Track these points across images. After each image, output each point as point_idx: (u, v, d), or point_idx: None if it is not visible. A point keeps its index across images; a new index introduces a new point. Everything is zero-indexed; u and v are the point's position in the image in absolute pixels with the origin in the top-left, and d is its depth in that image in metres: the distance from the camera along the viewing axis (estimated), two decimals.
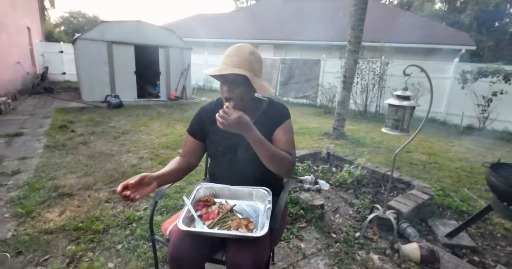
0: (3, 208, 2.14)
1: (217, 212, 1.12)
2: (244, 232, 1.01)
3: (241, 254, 0.98)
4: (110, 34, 7.54)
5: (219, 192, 1.26)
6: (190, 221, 1.08)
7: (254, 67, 1.11)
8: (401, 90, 1.69)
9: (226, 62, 1.10)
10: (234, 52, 1.10)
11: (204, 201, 1.20)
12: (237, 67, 1.07)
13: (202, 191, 1.24)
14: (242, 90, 1.11)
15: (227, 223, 1.07)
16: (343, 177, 2.84)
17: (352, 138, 5.17)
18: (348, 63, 4.71)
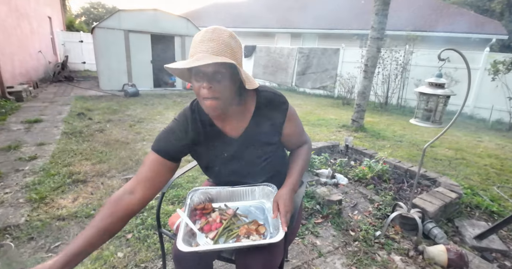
0: (18, 193, 2.16)
1: (219, 220, 0.97)
2: (257, 239, 0.88)
3: (250, 257, 0.88)
4: (127, 22, 7.54)
5: (216, 196, 1.08)
6: (190, 236, 0.91)
7: (237, 54, 0.84)
8: (434, 77, 1.51)
9: (202, 49, 0.80)
10: (209, 37, 0.81)
11: (201, 209, 1.03)
12: (218, 55, 0.80)
13: (196, 197, 1.06)
14: (227, 85, 0.84)
15: (234, 232, 0.93)
16: (362, 172, 2.68)
17: (372, 130, 4.94)
18: (371, 51, 4.45)
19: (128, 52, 7.73)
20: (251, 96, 0.99)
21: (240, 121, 0.98)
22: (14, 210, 1.94)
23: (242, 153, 1.00)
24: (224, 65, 0.81)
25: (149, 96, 7.10)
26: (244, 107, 0.98)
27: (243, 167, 1.04)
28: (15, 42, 6.90)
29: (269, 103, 0.99)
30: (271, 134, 1.01)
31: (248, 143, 1.00)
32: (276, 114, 1.00)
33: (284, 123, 1.01)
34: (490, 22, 10.73)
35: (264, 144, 1.01)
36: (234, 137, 1.00)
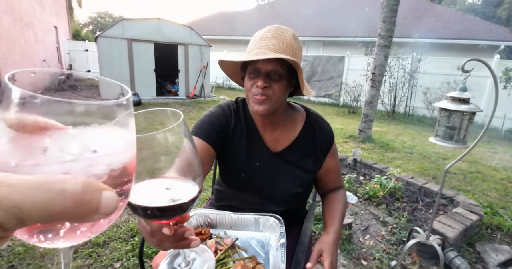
0: None
1: (215, 250, 0.85)
2: None
3: None
4: (131, 31, 7.53)
5: (217, 221, 0.97)
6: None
7: (297, 56, 0.79)
8: (457, 90, 1.35)
9: (262, 45, 0.77)
10: (273, 34, 0.78)
11: (198, 233, 0.91)
12: (280, 53, 0.75)
13: (194, 219, 0.95)
14: (282, 87, 0.79)
15: (228, 267, 0.80)
16: (373, 190, 2.50)
17: (380, 141, 4.75)
18: (378, 60, 4.30)
19: (131, 61, 7.70)
20: (301, 114, 0.95)
21: (284, 136, 0.91)
22: None
23: (275, 170, 0.89)
24: (283, 65, 0.77)
25: (151, 105, 7.02)
26: (291, 123, 0.92)
27: (268, 186, 0.91)
28: (19, 51, 6.92)
29: (318, 127, 0.94)
30: (312, 160, 0.91)
31: (286, 162, 0.91)
32: (322, 142, 0.92)
33: (327, 155, 0.94)
34: (498, 29, 10.55)
35: (301, 169, 0.91)
36: (274, 150, 0.91)
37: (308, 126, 0.93)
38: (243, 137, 0.90)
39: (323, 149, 0.93)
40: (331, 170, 0.96)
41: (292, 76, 0.82)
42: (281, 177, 0.91)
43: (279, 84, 0.79)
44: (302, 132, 0.92)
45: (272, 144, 0.92)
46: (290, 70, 0.80)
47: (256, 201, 0.94)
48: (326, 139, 0.94)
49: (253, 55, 0.75)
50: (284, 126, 0.92)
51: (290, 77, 0.82)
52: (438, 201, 1.53)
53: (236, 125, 0.90)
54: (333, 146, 0.96)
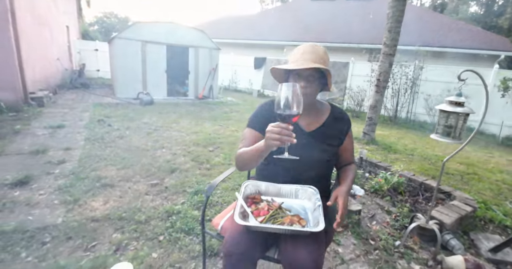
0: (52, 195, 2.28)
1: (267, 209, 1.12)
2: (300, 228, 1.01)
3: (298, 253, 0.98)
4: (144, 34, 7.83)
5: (265, 190, 1.25)
6: (243, 217, 1.07)
7: (326, 65, 1.14)
8: (454, 96, 1.62)
9: (304, 58, 1.11)
10: (309, 50, 1.13)
11: (252, 198, 1.20)
12: (315, 63, 1.10)
13: (249, 188, 1.24)
14: (315, 86, 1.15)
15: (278, 220, 1.07)
16: (379, 184, 2.76)
17: (383, 143, 5.02)
18: (383, 67, 4.58)
19: (144, 62, 8.00)
20: (326, 107, 1.30)
21: (315, 120, 1.25)
22: (50, 211, 2.06)
23: (308, 146, 1.20)
24: (316, 71, 1.12)
25: (163, 104, 7.30)
26: (320, 113, 1.27)
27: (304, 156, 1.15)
28: (37, 49, 7.20)
29: (340, 116, 1.29)
30: (335, 138, 1.25)
31: (316, 139, 1.22)
32: (343, 126, 1.27)
33: (346, 136, 1.27)
34: (499, 39, 10.86)
35: (328, 145, 1.23)
36: (306, 130, 1.24)
37: (333, 115, 1.28)
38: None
39: (342, 132, 1.27)
40: (347, 148, 1.29)
41: (322, 78, 1.17)
42: (313, 149, 1.20)
43: (314, 84, 1.14)
44: (328, 119, 1.26)
45: (305, 126, 1.25)
46: (320, 75, 1.15)
47: (295, 168, 1.22)
48: (345, 125, 1.28)
49: (298, 65, 1.08)
50: (315, 115, 1.27)
51: (320, 79, 1.16)
52: (437, 189, 1.79)
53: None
54: (349, 131, 1.29)
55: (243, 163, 1.14)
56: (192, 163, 3.31)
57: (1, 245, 1.66)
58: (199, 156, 3.54)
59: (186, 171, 3.04)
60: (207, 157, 3.54)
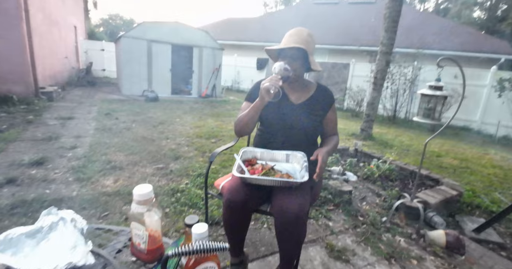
0: (67, 174, 2.47)
1: (261, 169, 1.30)
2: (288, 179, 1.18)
3: (285, 199, 1.15)
4: (150, 33, 8.08)
5: (260, 156, 1.43)
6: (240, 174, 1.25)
7: (310, 46, 1.31)
8: (434, 81, 1.79)
9: (288, 40, 1.30)
10: (294, 33, 1.32)
11: (248, 161, 1.39)
12: (297, 44, 1.27)
13: (246, 154, 1.42)
14: (299, 64, 1.32)
15: (271, 176, 1.25)
16: (371, 170, 2.92)
17: (380, 139, 5.17)
18: (380, 65, 4.76)
19: (149, 61, 8.24)
20: (313, 85, 1.47)
21: (302, 95, 1.44)
22: (66, 186, 2.24)
23: (297, 116, 1.39)
24: (298, 51, 1.29)
25: (167, 102, 7.51)
26: (307, 88, 1.46)
27: (291, 127, 1.39)
28: (47, 47, 7.46)
29: (325, 92, 1.46)
30: (319, 110, 1.43)
31: (303, 110, 1.40)
32: (327, 101, 1.45)
33: (329, 110, 1.44)
34: (499, 42, 11.00)
35: (314, 115, 1.41)
36: (295, 103, 1.42)
37: (320, 89, 1.47)
38: None
39: (326, 105, 1.44)
40: (330, 120, 1.46)
41: (306, 58, 1.32)
42: (300, 118, 1.39)
43: (297, 62, 1.31)
44: (314, 94, 1.44)
45: (294, 100, 1.43)
46: (304, 54, 1.31)
47: (286, 134, 1.41)
48: (329, 99, 1.45)
49: (282, 45, 1.30)
50: (303, 91, 1.45)
51: (304, 58, 1.32)
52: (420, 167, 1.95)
53: None
54: (333, 105, 1.46)
55: (242, 123, 1.33)
56: (195, 152, 3.49)
57: (22, 212, 1.85)
58: (202, 146, 3.72)
59: (190, 158, 3.22)
60: (210, 148, 3.71)
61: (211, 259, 0.77)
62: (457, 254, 1.85)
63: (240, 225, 1.27)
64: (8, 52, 5.50)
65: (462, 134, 6.84)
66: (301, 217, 1.13)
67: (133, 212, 0.82)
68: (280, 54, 1.35)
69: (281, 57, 1.33)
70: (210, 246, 0.71)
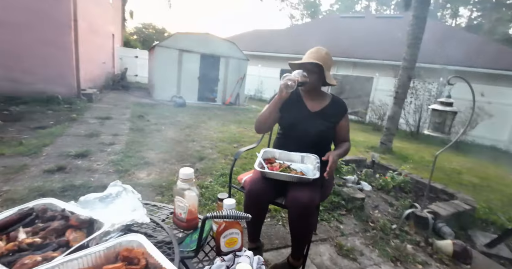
0: (107, 166, 2.80)
1: (279, 167, 1.50)
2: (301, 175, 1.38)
3: (298, 192, 1.35)
4: (182, 43, 8.64)
5: (278, 156, 1.64)
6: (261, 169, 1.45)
7: (327, 63, 1.55)
8: (445, 97, 1.92)
9: (308, 56, 1.56)
10: (314, 51, 1.57)
11: (268, 160, 1.59)
12: (315, 60, 1.51)
13: (266, 154, 1.63)
14: (316, 77, 1.55)
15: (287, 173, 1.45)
16: (385, 181, 3.02)
17: (399, 154, 5.19)
18: (402, 80, 4.84)
19: (179, 68, 8.78)
20: (329, 96, 1.68)
21: (318, 104, 1.64)
22: (106, 176, 2.56)
23: (312, 122, 1.59)
24: (316, 66, 1.52)
25: (193, 107, 7.93)
26: (323, 99, 1.66)
27: (307, 132, 1.59)
28: (89, 53, 8.19)
29: (338, 103, 1.67)
30: (333, 118, 1.62)
31: (318, 117, 1.60)
32: (340, 110, 1.65)
33: (342, 118, 1.63)
34: None
35: (327, 122, 1.60)
36: (311, 110, 1.63)
37: (333, 102, 1.65)
38: (295, 103, 1.64)
39: (339, 114, 1.63)
40: (342, 128, 1.64)
41: (322, 73, 1.53)
42: (315, 124, 1.58)
43: (314, 75, 1.53)
44: (328, 104, 1.64)
45: (310, 107, 1.64)
46: (320, 70, 1.52)
47: (302, 138, 1.61)
48: (342, 109, 1.65)
49: (303, 60, 1.56)
50: (319, 100, 1.65)
51: (321, 73, 1.54)
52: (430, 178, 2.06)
53: (291, 97, 1.58)
54: (346, 115, 1.65)
55: (262, 118, 1.56)
56: (218, 154, 3.75)
57: (72, 194, 2.16)
58: (224, 150, 3.98)
59: (213, 160, 3.48)
60: (231, 152, 3.96)
61: (237, 227, 0.98)
62: (463, 263, 1.92)
63: (258, 213, 1.47)
64: (58, 57, 6.16)
65: (488, 153, 6.63)
66: (311, 208, 1.32)
67: (177, 188, 1.06)
68: (301, 67, 1.57)
69: (302, 70, 1.55)
70: (237, 214, 0.92)
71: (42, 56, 5.88)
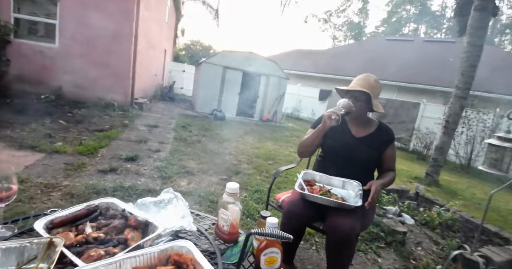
0: (153, 171, 3.00)
1: (319, 190, 1.48)
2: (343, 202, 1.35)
3: (339, 219, 1.32)
4: (226, 60, 9.12)
5: (319, 179, 1.61)
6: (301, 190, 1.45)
7: (375, 91, 1.53)
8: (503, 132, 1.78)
9: (356, 83, 1.55)
10: (363, 78, 1.56)
11: (308, 182, 1.57)
12: (362, 87, 1.50)
13: (306, 175, 1.62)
14: (362, 104, 1.53)
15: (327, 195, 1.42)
16: (431, 217, 2.79)
17: (447, 188, 4.78)
18: (453, 109, 4.54)
19: (222, 84, 9.22)
20: (375, 123, 1.64)
21: (363, 130, 1.61)
22: (152, 181, 2.74)
23: (356, 148, 1.56)
24: (363, 94, 1.50)
25: (232, 121, 8.20)
26: (369, 125, 1.63)
27: (350, 158, 1.56)
28: (144, 65, 8.99)
29: (386, 130, 1.62)
30: (379, 146, 1.57)
31: (362, 144, 1.57)
32: (387, 138, 1.60)
33: (388, 147, 1.58)
34: None
35: (371, 149, 1.55)
36: (356, 136, 1.60)
37: (379, 129, 1.61)
38: (339, 128, 1.61)
39: (386, 142, 1.58)
40: (388, 157, 1.58)
41: (369, 100, 1.51)
42: (358, 150, 1.55)
43: (360, 102, 1.51)
44: (374, 131, 1.60)
45: (355, 132, 1.61)
46: (367, 97, 1.50)
47: (344, 163, 1.58)
48: (389, 137, 1.60)
49: (351, 87, 1.53)
50: (364, 126, 1.62)
51: (367, 100, 1.51)
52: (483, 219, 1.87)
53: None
54: (392, 143, 1.60)
55: (304, 144, 1.58)
56: (253, 170, 3.80)
57: (121, 195, 2.34)
58: (260, 166, 4.02)
59: (249, 175, 3.54)
60: (267, 168, 3.99)
61: (277, 246, 1.00)
62: None
63: (295, 235, 1.46)
64: (118, 68, 6.86)
65: None
66: (351, 237, 1.28)
67: (223, 201, 1.11)
68: (348, 93, 1.58)
69: (348, 96, 1.55)
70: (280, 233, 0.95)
71: (106, 67, 6.60)
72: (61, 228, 0.91)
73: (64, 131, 3.99)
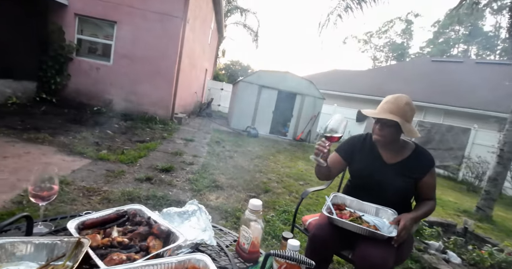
0: (185, 183, 3.09)
1: (349, 216, 1.36)
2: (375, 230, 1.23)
3: (370, 249, 1.20)
4: (263, 80, 9.34)
5: (349, 203, 1.48)
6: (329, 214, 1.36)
7: (406, 114, 1.32)
8: None
9: (383, 107, 1.36)
10: (392, 100, 1.35)
11: (337, 205, 1.46)
12: (392, 113, 1.31)
13: (336, 198, 1.50)
14: (391, 131, 1.35)
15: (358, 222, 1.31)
16: (481, 256, 2.45)
17: (502, 225, 4.21)
18: (509, 136, 4.08)
19: (257, 102, 9.41)
20: (410, 146, 1.45)
21: (396, 155, 1.44)
22: (182, 192, 2.82)
23: (386, 175, 1.41)
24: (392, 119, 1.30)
25: (265, 139, 8.24)
26: (402, 149, 1.44)
27: (379, 186, 1.42)
28: (185, 83, 9.56)
29: (423, 155, 1.42)
30: (414, 172, 1.39)
31: (395, 171, 1.41)
32: (424, 164, 1.41)
33: (426, 174, 1.39)
34: None
35: (406, 177, 1.39)
36: (387, 162, 1.45)
37: (415, 154, 1.42)
38: (368, 153, 1.49)
39: (423, 168, 1.39)
40: (427, 185, 1.39)
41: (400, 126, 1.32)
42: (391, 178, 1.39)
43: (388, 129, 1.35)
44: (410, 155, 1.42)
45: (386, 158, 1.45)
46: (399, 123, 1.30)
47: (374, 191, 1.44)
48: (427, 163, 1.40)
49: (376, 114, 1.35)
50: (396, 151, 1.44)
51: (398, 126, 1.32)
52: None
53: (363, 146, 1.50)
54: (432, 169, 1.40)
55: (317, 171, 1.49)
56: (283, 189, 3.72)
57: (152, 203, 2.43)
58: (290, 186, 3.93)
59: (278, 194, 3.47)
60: (297, 189, 3.88)
61: None
62: None
63: (320, 261, 1.37)
64: (163, 85, 7.37)
65: None
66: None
67: (245, 217, 1.09)
68: (375, 119, 1.39)
69: (376, 121, 1.39)
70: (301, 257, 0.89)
71: (152, 83, 7.14)
72: (90, 229, 0.95)
73: (110, 140, 4.33)
